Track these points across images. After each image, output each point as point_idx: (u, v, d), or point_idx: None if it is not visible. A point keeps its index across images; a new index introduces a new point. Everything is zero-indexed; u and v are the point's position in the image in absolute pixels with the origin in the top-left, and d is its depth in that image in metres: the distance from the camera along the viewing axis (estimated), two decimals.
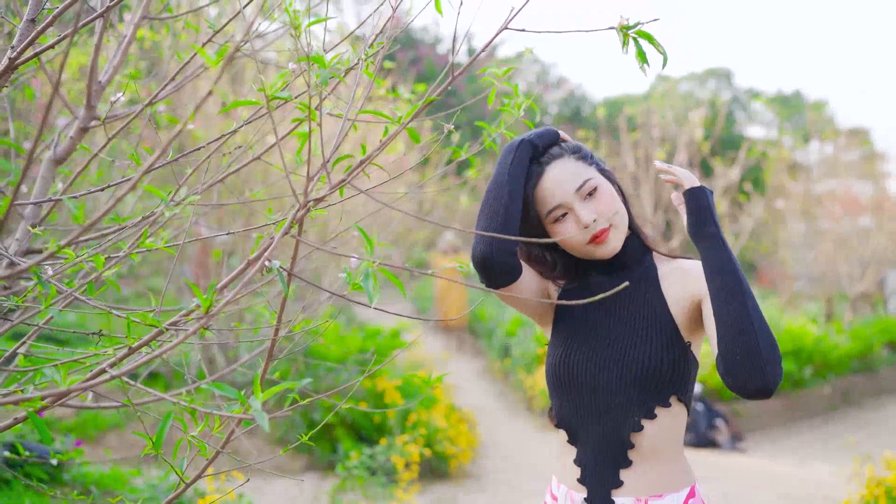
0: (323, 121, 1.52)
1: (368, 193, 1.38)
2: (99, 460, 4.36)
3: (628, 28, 1.35)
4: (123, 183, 1.78)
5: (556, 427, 1.77)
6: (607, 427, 1.66)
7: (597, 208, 1.68)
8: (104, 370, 1.35)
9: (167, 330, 1.39)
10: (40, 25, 1.54)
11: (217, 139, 1.73)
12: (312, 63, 1.32)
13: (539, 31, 1.39)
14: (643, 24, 1.35)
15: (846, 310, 11.05)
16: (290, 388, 1.66)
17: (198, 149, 1.69)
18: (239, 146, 1.80)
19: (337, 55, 1.35)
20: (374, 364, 5.46)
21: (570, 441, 1.72)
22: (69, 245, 1.27)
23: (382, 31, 1.68)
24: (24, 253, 1.98)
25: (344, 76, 1.66)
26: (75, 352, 1.77)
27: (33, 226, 1.89)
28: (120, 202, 1.57)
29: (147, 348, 1.47)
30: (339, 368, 5.62)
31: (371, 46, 1.63)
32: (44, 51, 1.58)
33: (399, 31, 1.72)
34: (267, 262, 1.37)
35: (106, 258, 1.75)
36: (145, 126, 2.23)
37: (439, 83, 1.43)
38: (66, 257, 1.66)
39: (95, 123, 2.02)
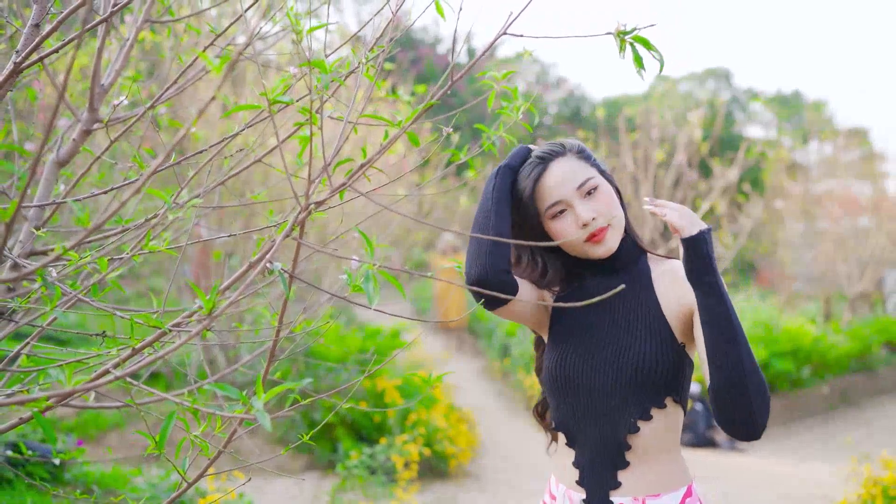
0: (324, 123, 1.54)
1: (368, 196, 1.40)
2: (100, 460, 4.38)
3: (625, 33, 1.37)
4: (127, 186, 1.79)
5: (554, 430, 1.79)
6: (604, 429, 1.67)
7: (596, 207, 1.69)
8: (108, 371, 1.37)
9: (170, 331, 1.40)
10: (44, 31, 1.56)
11: (219, 142, 1.74)
12: (313, 67, 1.34)
13: (537, 37, 1.41)
14: (640, 29, 1.37)
15: (845, 310, 11.07)
16: (291, 389, 1.69)
17: (200, 152, 1.71)
18: (240, 149, 1.82)
19: (339, 59, 1.37)
20: (374, 364, 5.47)
21: (569, 443, 1.74)
22: (73, 248, 1.29)
23: (383, 35, 1.70)
24: (28, 255, 2.00)
25: (344, 80, 1.68)
26: (77, 352, 1.79)
27: (37, 228, 1.91)
28: (125, 203, 1.60)
29: (150, 349, 1.49)
30: (339, 368, 5.63)
31: (371, 50, 1.65)
32: (48, 55, 1.60)
33: (399, 34, 1.74)
34: (268, 265, 1.39)
35: (109, 260, 1.77)
36: (146, 128, 2.25)
37: (439, 87, 1.45)
38: (71, 259, 1.68)
39: (98, 126, 2.04)
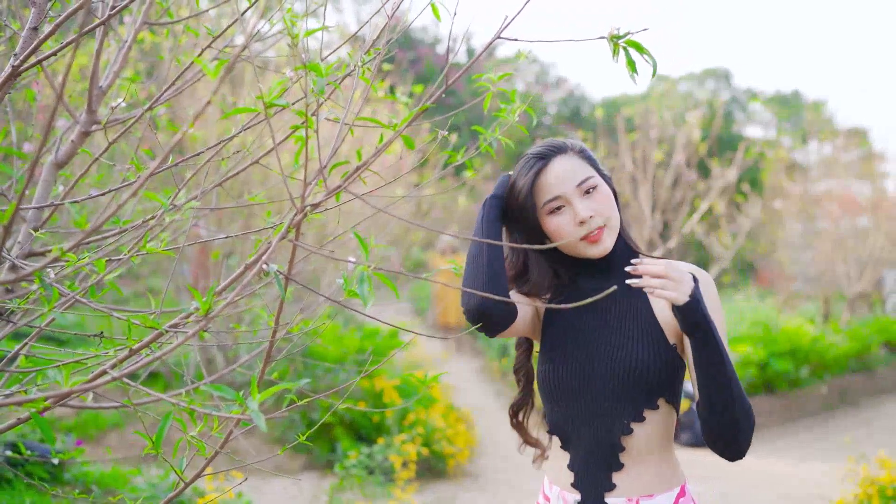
0: (321, 124, 1.55)
1: (363, 198, 1.41)
2: (100, 460, 4.39)
3: (618, 37, 1.38)
4: (124, 188, 1.80)
5: (549, 433, 1.79)
6: (598, 431, 1.68)
7: (594, 207, 1.69)
8: (105, 371, 1.38)
9: (167, 332, 1.41)
10: (42, 34, 1.57)
11: (216, 144, 1.76)
12: (309, 70, 1.35)
13: (531, 41, 1.42)
14: (633, 34, 1.38)
15: (844, 310, 11.08)
16: (288, 389, 1.70)
17: (197, 154, 1.72)
18: (237, 150, 1.83)
19: (335, 62, 1.38)
20: (370, 365, 5.49)
21: (563, 446, 1.74)
22: (71, 250, 1.30)
23: (379, 37, 1.71)
24: (26, 256, 2.01)
25: (340, 83, 1.69)
26: (75, 352, 1.80)
27: (35, 229, 1.92)
28: (123, 205, 1.61)
29: (147, 350, 1.51)
30: (338, 369, 5.65)
31: (367, 53, 1.66)
32: (46, 58, 1.61)
33: (396, 35, 1.75)
34: (264, 266, 1.40)
35: (107, 261, 1.78)
36: (145, 129, 2.26)
37: (435, 89, 1.46)
38: (69, 260, 1.69)
39: (96, 128, 2.05)
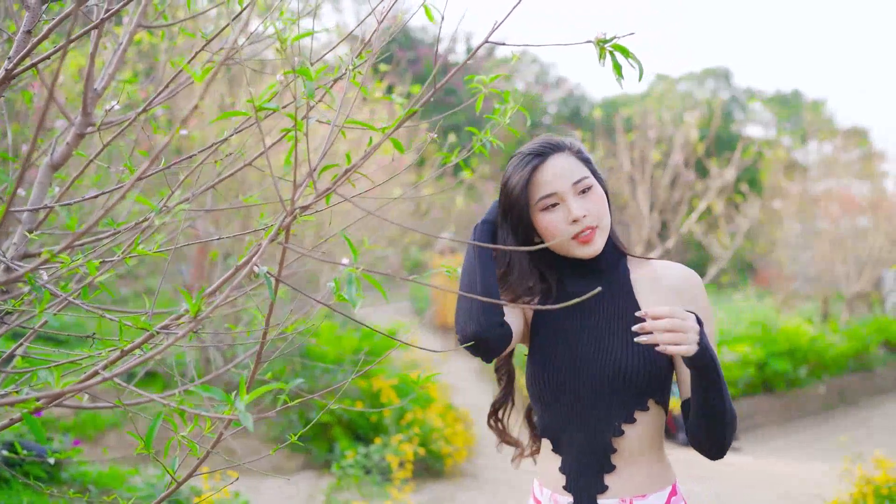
0: (314, 126, 1.57)
1: (352, 201, 1.42)
2: (98, 459, 4.41)
3: (605, 42, 1.40)
4: (116, 190, 1.82)
5: (539, 436, 1.79)
6: (589, 434, 1.68)
7: (588, 207, 1.69)
8: (97, 372, 1.40)
9: (158, 333, 1.43)
10: (36, 37, 1.59)
11: (209, 147, 1.77)
12: (299, 75, 1.36)
13: (519, 45, 1.43)
14: (619, 38, 1.39)
15: (843, 310, 11.09)
16: (282, 389, 1.71)
17: (190, 156, 1.74)
18: (229, 153, 1.84)
19: (324, 66, 1.39)
20: (363, 365, 5.51)
21: (554, 449, 1.74)
22: (63, 252, 1.31)
23: (370, 40, 1.72)
24: (22, 257, 2.03)
25: (331, 87, 1.71)
26: (71, 353, 1.82)
27: (29, 231, 1.93)
28: (115, 207, 1.62)
29: (139, 351, 1.52)
30: (335, 369, 5.66)
31: (359, 56, 1.67)
32: (40, 61, 1.62)
33: (390, 37, 1.76)
34: (255, 268, 1.41)
35: (101, 262, 1.80)
36: (141, 129, 2.28)
37: (423, 92, 1.48)
38: (62, 262, 1.71)
39: (91, 130, 2.06)
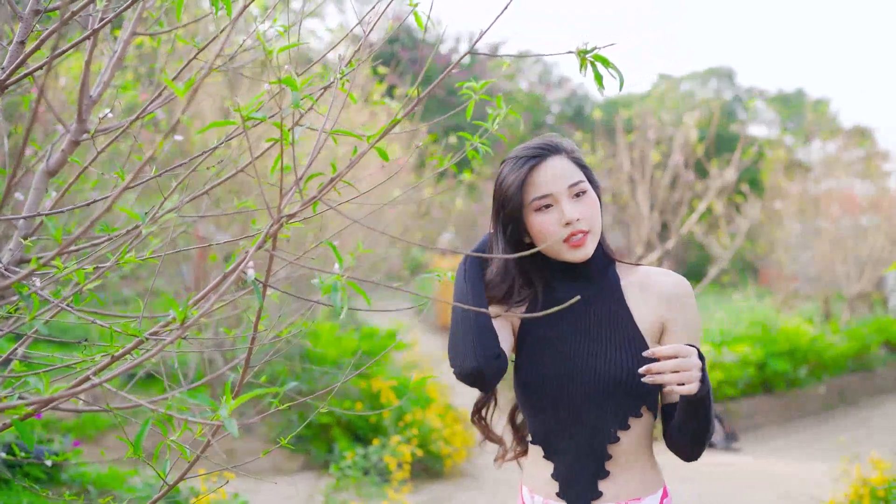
0: (306, 133, 1.59)
1: (338, 209, 1.44)
2: (98, 460, 4.44)
3: (586, 52, 1.42)
4: (103, 200, 1.85)
5: (531, 443, 1.78)
6: (583, 440, 1.68)
7: (582, 210, 1.68)
8: (88, 377, 1.42)
9: (147, 340, 1.45)
10: (29, 48, 1.62)
11: (199, 154, 1.80)
12: (284, 84, 1.39)
13: (500, 55, 1.46)
14: (600, 49, 1.41)
15: (844, 310, 11.08)
16: (277, 392, 1.74)
17: (181, 164, 1.76)
18: (220, 160, 1.87)
19: (309, 78, 1.41)
20: (357, 367, 5.53)
21: (546, 456, 1.73)
22: (51, 260, 1.34)
23: (360, 50, 1.74)
24: (18, 263, 2.06)
25: (321, 94, 1.73)
26: (66, 357, 1.85)
27: (24, 237, 1.96)
28: (105, 213, 1.64)
29: (130, 356, 1.55)
30: (335, 371, 5.69)
31: (350, 64, 1.69)
32: (32, 72, 1.65)
33: (384, 41, 1.79)
34: (242, 275, 1.43)
35: (94, 268, 1.82)
36: (142, 133, 2.30)
37: (406, 103, 1.50)
38: (56, 268, 1.73)
39: (86, 137, 2.09)
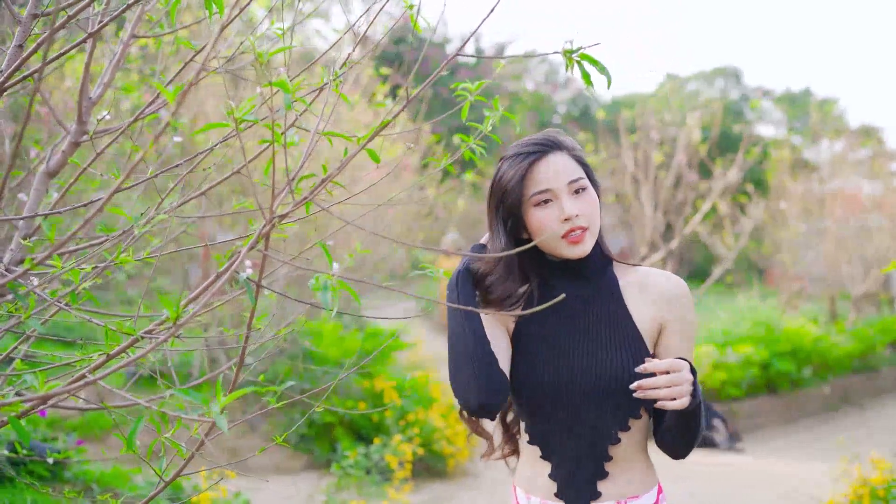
0: (300, 132, 1.61)
1: (329, 210, 1.47)
2: (102, 458, 4.47)
3: (572, 52, 1.44)
4: (94, 203, 1.87)
5: (528, 443, 1.75)
6: (583, 441, 1.68)
7: (581, 207, 1.68)
8: (84, 375, 1.45)
9: (142, 338, 1.48)
10: (26, 52, 1.64)
11: (196, 155, 1.82)
12: (277, 87, 1.41)
13: (488, 57, 1.47)
14: (586, 48, 1.43)
15: (849, 310, 11.06)
16: (273, 391, 1.76)
17: (177, 165, 1.79)
18: (218, 161, 1.89)
19: (298, 83, 1.43)
20: (359, 361, 5.56)
21: (544, 456, 1.72)
22: (46, 259, 1.36)
23: (354, 51, 1.77)
24: (18, 263, 2.09)
25: (315, 97, 1.75)
26: (67, 356, 1.87)
27: (24, 238, 1.99)
28: (100, 212, 1.66)
29: (126, 354, 1.57)
30: (337, 371, 5.72)
31: (344, 65, 1.71)
32: (30, 75, 1.68)
33: (379, 43, 1.81)
34: (235, 274, 1.46)
35: (93, 268, 1.85)
36: (141, 134, 2.32)
37: (398, 101, 1.52)
38: (54, 267, 1.76)
39: (86, 138, 2.12)
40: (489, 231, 1.78)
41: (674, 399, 1.53)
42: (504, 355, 1.69)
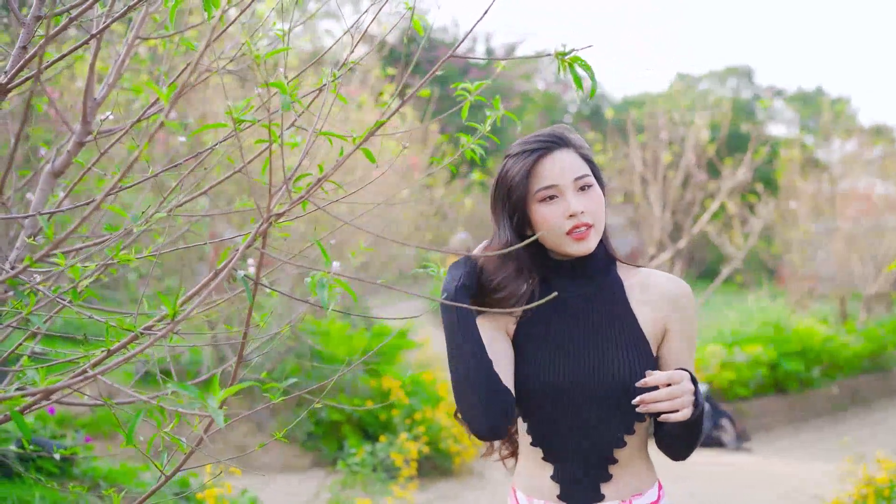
0: (296, 132, 1.64)
1: (325, 210, 1.49)
2: (110, 455, 4.52)
3: (564, 54, 1.46)
4: (89, 204, 1.90)
5: (531, 445, 1.73)
6: (588, 443, 1.67)
7: (587, 204, 1.67)
8: (85, 371, 1.48)
9: (142, 334, 1.50)
10: (29, 53, 1.67)
11: (196, 154, 1.85)
12: (273, 87, 1.43)
13: (481, 59, 1.49)
14: (578, 51, 1.45)
15: (860, 310, 11.00)
16: (293, 387, 1.78)
17: (177, 165, 1.81)
18: (219, 159, 1.92)
19: (294, 84, 1.45)
20: (366, 362, 5.59)
21: (546, 458, 1.71)
22: (45, 256, 1.39)
23: (353, 52, 1.79)
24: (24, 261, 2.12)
25: (315, 98, 1.78)
26: (71, 353, 1.91)
27: (30, 236, 2.02)
28: (96, 210, 1.70)
29: (125, 350, 1.60)
30: (345, 369, 5.75)
31: (344, 65, 1.74)
32: (33, 76, 1.71)
33: (378, 44, 1.83)
34: (233, 271, 1.48)
35: (95, 266, 1.88)
36: (144, 133, 2.35)
37: (403, 92, 1.54)
38: (57, 265, 1.79)
39: (90, 138, 2.16)
40: (494, 227, 1.76)
41: (676, 411, 1.52)
42: (507, 365, 1.68)
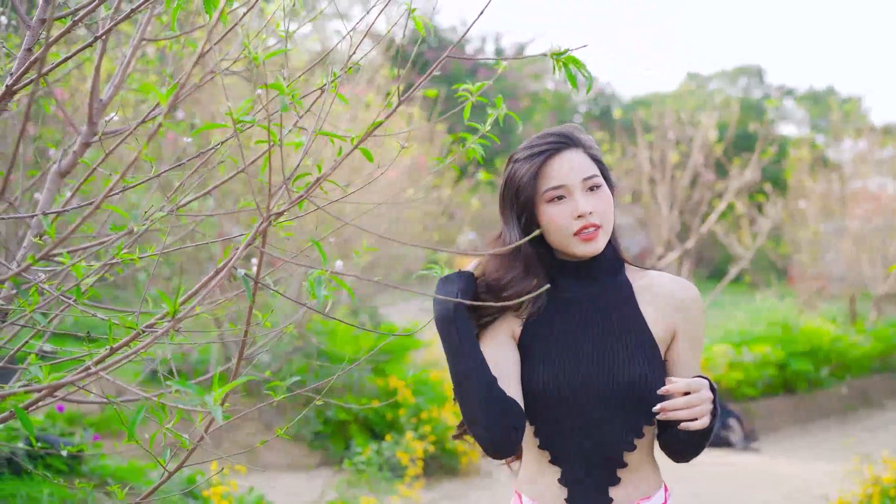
0: (295, 132, 1.66)
1: (325, 209, 1.51)
2: (119, 453, 4.55)
3: (559, 54, 1.47)
4: (87, 206, 1.93)
5: (538, 448, 1.70)
6: (596, 446, 1.65)
7: (595, 204, 1.65)
8: (88, 368, 1.50)
9: (143, 332, 1.53)
10: (34, 56, 1.70)
11: (199, 154, 1.87)
12: (272, 89, 1.45)
13: (481, 59, 1.51)
14: (572, 50, 1.46)
15: (870, 310, 10.95)
16: (300, 386, 1.81)
17: (178, 165, 1.84)
18: (221, 160, 1.94)
19: (292, 83, 1.47)
20: (371, 360, 5.61)
21: (553, 461, 1.69)
22: (47, 254, 1.42)
23: (354, 53, 1.81)
24: None
25: (317, 98, 1.80)
26: (77, 352, 1.93)
27: (36, 236, 2.05)
28: (97, 210, 1.71)
29: (128, 348, 1.62)
30: (352, 369, 5.78)
31: (346, 65, 1.75)
32: (38, 78, 1.73)
33: (377, 44, 1.84)
34: (233, 270, 1.50)
35: (99, 265, 1.90)
36: (148, 134, 2.38)
37: (399, 91, 1.56)
38: (60, 264, 1.82)
39: (95, 139, 2.18)
40: (503, 227, 1.74)
41: (695, 419, 1.51)
42: (514, 375, 1.66)
